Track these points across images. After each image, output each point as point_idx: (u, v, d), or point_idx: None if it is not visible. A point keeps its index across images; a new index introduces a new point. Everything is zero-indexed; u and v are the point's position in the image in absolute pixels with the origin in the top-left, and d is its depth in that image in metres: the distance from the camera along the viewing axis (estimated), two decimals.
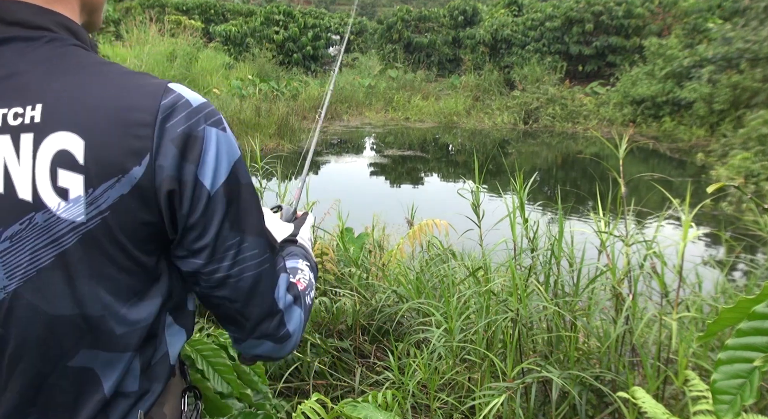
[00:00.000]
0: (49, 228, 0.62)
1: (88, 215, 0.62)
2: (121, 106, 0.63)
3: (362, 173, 10.63)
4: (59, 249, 0.63)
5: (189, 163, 0.65)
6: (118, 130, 0.62)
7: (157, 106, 0.64)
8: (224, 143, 0.68)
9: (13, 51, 0.65)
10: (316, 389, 2.43)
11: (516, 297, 2.12)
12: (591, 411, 2.08)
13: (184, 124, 0.65)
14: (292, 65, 19.20)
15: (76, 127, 0.62)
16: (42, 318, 0.64)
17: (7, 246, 0.62)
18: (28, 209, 0.61)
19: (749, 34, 11.25)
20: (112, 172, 0.62)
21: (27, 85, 0.63)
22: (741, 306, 0.77)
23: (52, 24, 0.67)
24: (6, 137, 0.61)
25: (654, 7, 16.59)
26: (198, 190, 0.66)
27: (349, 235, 3.44)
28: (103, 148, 0.62)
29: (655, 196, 2.78)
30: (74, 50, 0.67)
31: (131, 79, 0.66)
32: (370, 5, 44.20)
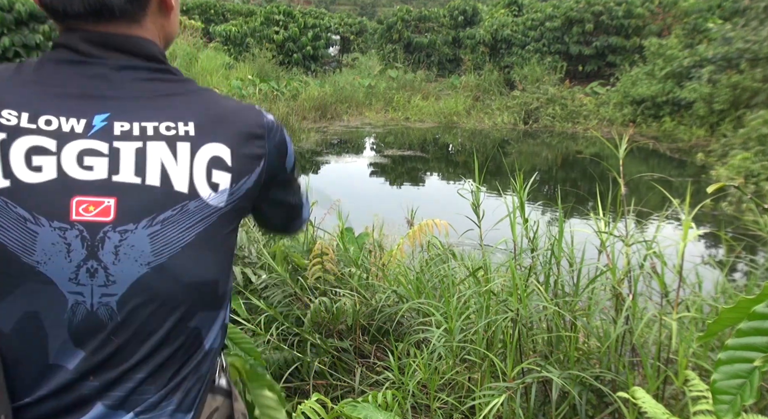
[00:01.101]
0: (198, 211, 0.81)
1: (227, 202, 0.84)
2: (246, 123, 0.87)
3: (362, 173, 10.63)
4: (202, 227, 0.81)
5: (282, 158, 0.94)
6: (249, 142, 0.87)
7: (263, 124, 0.90)
8: (291, 142, 0.98)
9: (143, 77, 0.84)
10: (316, 389, 2.43)
11: (516, 297, 2.12)
12: (591, 411, 2.08)
13: (276, 135, 0.92)
14: (292, 65, 19.20)
15: (224, 139, 0.84)
16: (177, 286, 0.80)
17: (158, 228, 0.78)
18: (183, 198, 0.80)
19: (749, 34, 11.25)
20: (247, 171, 0.86)
21: (172, 106, 0.83)
22: (741, 306, 0.78)
23: (160, 55, 0.87)
24: (161, 143, 0.80)
25: (654, 7, 16.58)
26: (285, 172, 0.98)
27: (349, 235, 3.44)
28: (242, 155, 0.85)
29: (655, 196, 2.78)
30: (185, 80, 0.89)
31: (242, 105, 0.91)
32: (370, 5, 44.17)
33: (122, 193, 0.76)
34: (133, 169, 0.77)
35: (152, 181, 0.78)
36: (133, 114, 0.80)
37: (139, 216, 0.77)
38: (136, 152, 0.78)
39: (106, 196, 0.76)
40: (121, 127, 0.78)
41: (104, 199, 0.76)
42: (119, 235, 0.76)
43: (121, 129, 0.78)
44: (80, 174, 0.75)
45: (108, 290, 0.76)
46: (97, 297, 0.76)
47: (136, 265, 0.77)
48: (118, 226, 0.76)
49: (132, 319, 0.78)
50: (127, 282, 0.77)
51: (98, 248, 0.75)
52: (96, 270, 0.75)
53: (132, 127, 0.79)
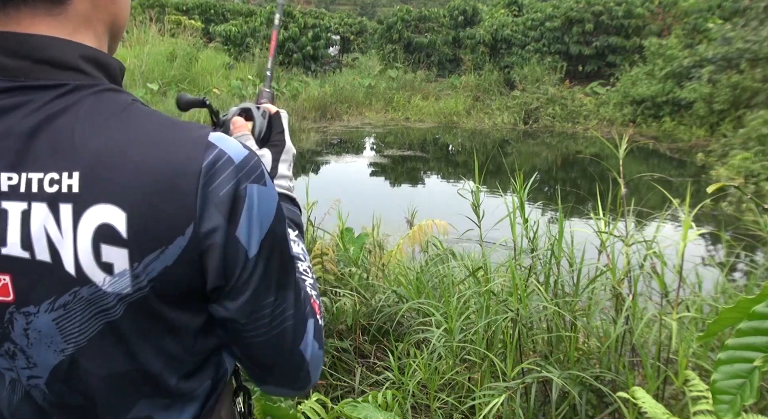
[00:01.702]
0: (95, 300, 0.62)
1: (134, 287, 0.62)
2: (163, 170, 0.60)
3: (362, 173, 10.63)
4: (107, 318, 0.63)
5: (231, 226, 0.62)
6: (161, 199, 0.60)
7: (198, 169, 0.61)
8: (264, 200, 0.65)
9: (42, 102, 0.61)
10: (316, 389, 2.43)
11: (516, 297, 2.12)
12: (591, 411, 2.08)
13: (226, 185, 0.62)
14: (292, 65, 19.20)
15: (117, 198, 0.59)
16: (99, 378, 0.65)
17: (62, 313, 0.62)
18: (74, 282, 0.61)
19: (749, 34, 11.25)
20: (156, 245, 0.60)
21: (60, 146, 0.60)
22: (741, 306, 0.78)
23: (81, 60, 0.63)
24: (43, 205, 0.60)
25: (654, 7, 16.58)
26: (239, 253, 0.64)
27: (349, 235, 3.44)
28: (145, 220, 0.60)
29: (655, 196, 2.78)
30: (108, 98, 0.63)
31: (171, 135, 0.63)
32: (370, 5, 44.19)
33: (15, 269, 0.61)
34: (19, 239, 0.60)
35: (42, 256, 0.60)
36: (23, 161, 0.60)
37: (39, 298, 0.62)
38: (22, 216, 0.60)
39: (0, 273, 0.61)
40: (9, 181, 0.60)
41: (0, 276, 0.61)
42: (24, 318, 0.62)
43: (9, 183, 0.60)
44: None
45: (32, 372, 0.65)
46: (25, 378, 0.65)
47: (50, 352, 0.63)
48: (20, 307, 0.62)
49: (70, 403, 0.66)
50: (47, 367, 0.64)
51: (9, 329, 0.63)
52: (14, 352, 0.64)
53: (20, 180, 0.60)
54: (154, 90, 11.63)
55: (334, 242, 3.36)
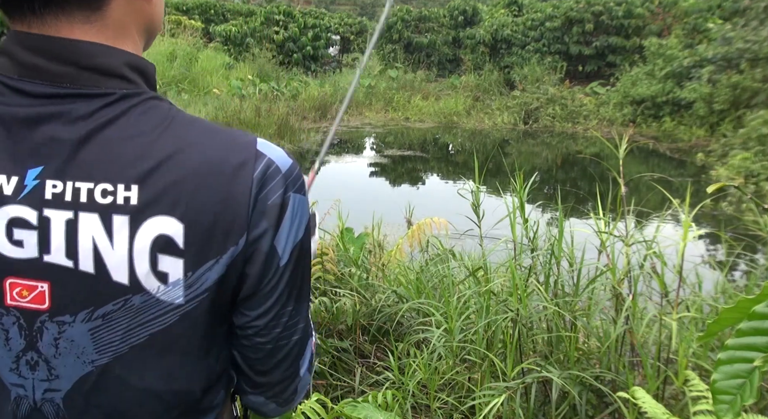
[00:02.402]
0: (146, 308, 0.61)
1: (186, 297, 0.62)
2: (218, 182, 0.60)
3: (362, 173, 10.63)
4: (155, 328, 0.62)
5: (270, 232, 0.63)
6: (217, 210, 0.60)
7: (251, 179, 0.62)
8: (302, 209, 0.66)
9: (90, 110, 0.60)
10: (316, 389, 2.43)
11: (516, 297, 2.12)
12: (591, 411, 2.08)
13: (275, 194, 0.63)
14: (292, 65, 19.20)
15: (175, 210, 0.59)
16: (131, 391, 0.65)
17: (99, 323, 0.62)
18: (125, 291, 0.61)
19: (749, 34, 11.25)
20: (211, 255, 0.61)
21: (113, 157, 0.59)
22: (741, 306, 0.77)
23: (126, 68, 0.63)
24: (94, 216, 0.59)
25: (654, 7, 16.59)
26: (274, 260, 0.65)
27: (349, 235, 3.43)
28: (202, 232, 0.60)
29: (655, 196, 2.78)
30: (154, 108, 0.63)
31: (220, 144, 0.63)
32: (370, 5, 44.19)
33: (55, 277, 0.60)
34: (64, 248, 0.59)
35: (85, 266, 0.60)
36: (70, 169, 0.59)
37: (76, 308, 0.61)
38: (67, 225, 0.59)
39: (38, 280, 0.60)
40: (53, 189, 0.59)
41: (37, 284, 0.60)
42: (57, 327, 0.61)
43: (53, 191, 0.59)
44: (10, 250, 0.60)
45: (51, 385, 0.63)
46: (40, 392, 0.64)
47: (78, 363, 0.63)
48: (54, 316, 0.61)
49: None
50: (71, 379, 0.63)
51: (37, 339, 0.62)
52: (36, 362, 0.62)
53: (65, 189, 0.59)
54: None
55: (334, 242, 3.36)
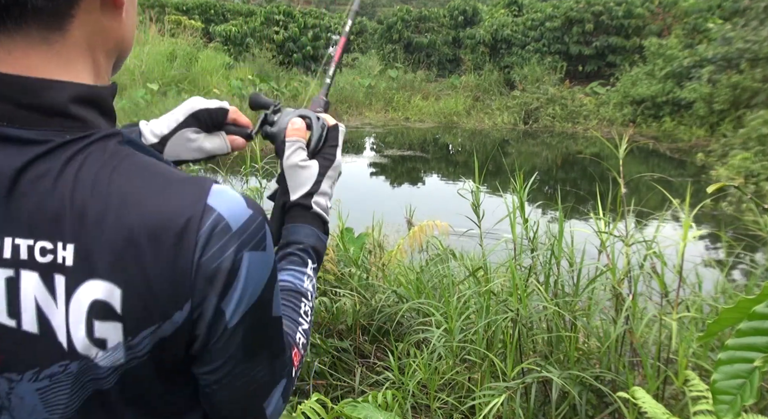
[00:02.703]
0: (86, 372, 0.59)
1: (127, 358, 0.59)
2: (160, 243, 0.56)
3: (362, 173, 10.64)
4: (98, 387, 0.60)
5: (218, 299, 0.59)
6: (156, 274, 0.56)
7: (195, 240, 0.57)
8: (258, 268, 0.61)
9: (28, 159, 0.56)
10: (316, 389, 2.43)
11: (516, 297, 2.12)
12: (591, 411, 2.08)
13: (220, 256, 0.58)
14: (292, 65, 19.20)
15: (112, 274, 0.56)
16: None
17: (47, 384, 0.59)
18: (65, 356, 0.58)
19: (749, 34, 11.25)
20: (153, 320, 0.58)
21: (50, 212, 0.56)
22: (741, 306, 0.78)
23: (73, 104, 0.58)
24: (34, 275, 0.56)
25: (654, 7, 16.59)
26: (218, 322, 0.61)
27: (349, 235, 3.43)
28: (142, 297, 0.57)
29: (655, 196, 2.78)
30: (99, 155, 0.58)
31: (167, 198, 0.58)
32: (370, 5, 44.18)
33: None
34: (5, 307, 0.57)
35: (28, 326, 0.57)
36: (4, 223, 0.56)
37: (22, 367, 0.58)
38: (7, 284, 0.56)
39: None
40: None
41: None
42: (7, 383, 0.59)
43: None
44: None
45: None
46: None
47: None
48: (3, 372, 0.59)
49: None
50: None
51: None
52: (1, 410, 0.61)
53: (3, 245, 0.56)
54: (154, 90, 11.63)
55: (334, 242, 3.36)
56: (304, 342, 0.79)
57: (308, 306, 0.81)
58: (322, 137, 0.88)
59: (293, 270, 0.82)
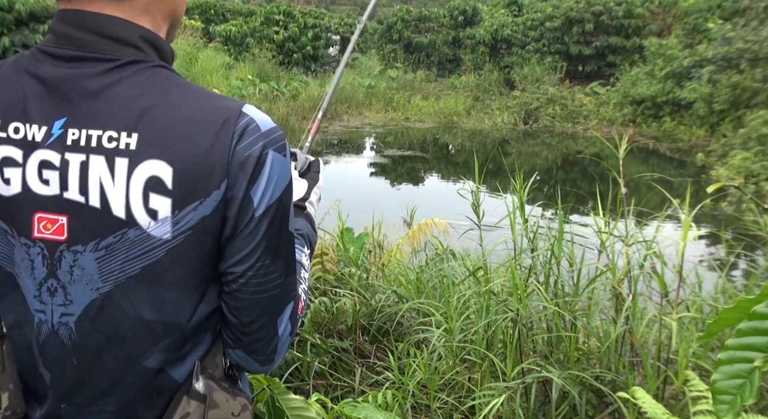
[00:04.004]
0: (140, 242, 0.71)
1: (174, 233, 0.71)
2: (205, 134, 0.70)
3: (362, 173, 10.64)
4: (147, 261, 0.72)
5: (249, 184, 0.71)
6: (201, 157, 0.70)
7: (232, 132, 0.71)
8: (281, 168, 0.74)
9: (104, 70, 0.72)
10: (316, 389, 2.43)
11: (516, 297, 2.12)
12: (591, 411, 2.08)
13: (251, 147, 0.71)
14: (292, 65, 19.20)
15: (166, 155, 0.69)
16: (127, 319, 0.74)
17: (103, 254, 0.72)
18: (123, 225, 0.71)
19: (749, 34, 11.25)
20: (196, 197, 0.70)
21: (119, 109, 0.70)
22: (741, 306, 0.78)
23: (140, 40, 0.74)
24: (101, 158, 0.70)
25: (654, 7, 16.59)
26: (247, 208, 0.72)
27: (349, 235, 3.44)
28: (188, 176, 0.70)
29: (655, 196, 2.78)
30: (158, 73, 0.73)
31: (210, 104, 0.72)
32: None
33: (71, 211, 0.71)
34: (78, 186, 0.70)
35: (94, 201, 0.70)
36: (85, 119, 0.71)
37: (86, 239, 0.72)
38: (81, 167, 0.70)
39: (59, 214, 0.71)
40: (72, 136, 0.70)
41: (58, 217, 0.71)
42: (72, 256, 0.72)
43: (72, 138, 0.70)
44: (40, 188, 0.71)
45: (67, 309, 0.74)
46: (57, 316, 0.74)
47: (88, 289, 0.73)
48: (71, 246, 0.72)
49: (90, 344, 0.75)
50: (81, 304, 0.73)
51: (57, 267, 0.72)
52: (56, 289, 0.73)
53: (80, 136, 0.70)
54: None
55: (334, 242, 3.36)
56: (305, 298, 0.89)
57: (306, 275, 0.93)
58: (305, 164, 1.11)
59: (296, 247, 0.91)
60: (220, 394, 0.80)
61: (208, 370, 0.81)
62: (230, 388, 0.83)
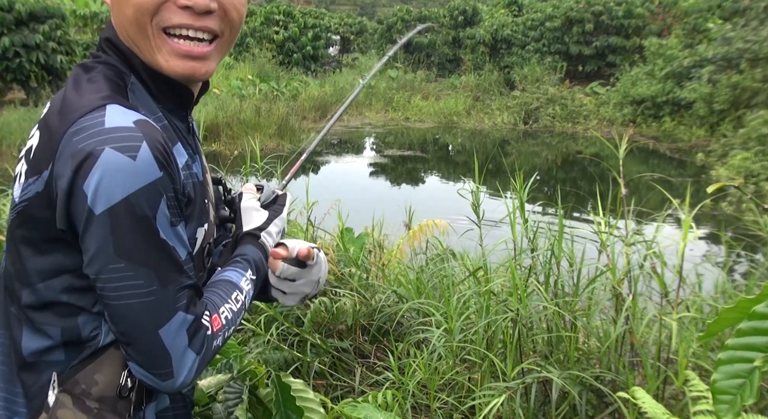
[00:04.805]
0: (11, 199, 0.81)
1: (19, 199, 0.78)
2: (60, 116, 0.75)
3: (362, 173, 10.63)
4: (9, 219, 0.81)
5: (77, 177, 0.71)
6: (49, 136, 0.75)
7: (73, 121, 0.73)
8: (122, 170, 0.71)
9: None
10: (316, 389, 2.43)
11: (516, 297, 2.12)
12: (591, 411, 2.08)
13: (85, 141, 0.71)
14: (292, 65, 19.20)
15: (42, 130, 0.78)
16: (6, 268, 0.84)
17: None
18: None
19: (749, 34, 11.25)
20: (36, 171, 0.75)
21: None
22: (741, 306, 0.78)
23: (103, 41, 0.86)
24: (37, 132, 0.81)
25: (654, 7, 16.59)
26: (80, 202, 0.72)
27: (349, 235, 3.43)
28: (38, 150, 0.76)
29: (655, 196, 2.78)
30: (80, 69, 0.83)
31: (85, 96, 0.76)
32: (370, 5, 44.17)
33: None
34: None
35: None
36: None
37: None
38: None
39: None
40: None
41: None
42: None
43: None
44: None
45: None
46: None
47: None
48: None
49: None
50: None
51: None
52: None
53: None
54: None
55: (334, 242, 3.35)
56: (228, 317, 0.87)
57: (241, 298, 0.91)
58: (270, 197, 1.11)
59: (235, 269, 0.94)
60: (68, 412, 0.78)
61: (81, 385, 0.79)
62: (100, 409, 0.80)
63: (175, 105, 0.89)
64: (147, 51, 0.83)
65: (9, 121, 9.98)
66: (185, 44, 0.82)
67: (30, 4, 11.54)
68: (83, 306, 0.79)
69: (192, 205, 0.85)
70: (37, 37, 11.64)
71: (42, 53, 11.84)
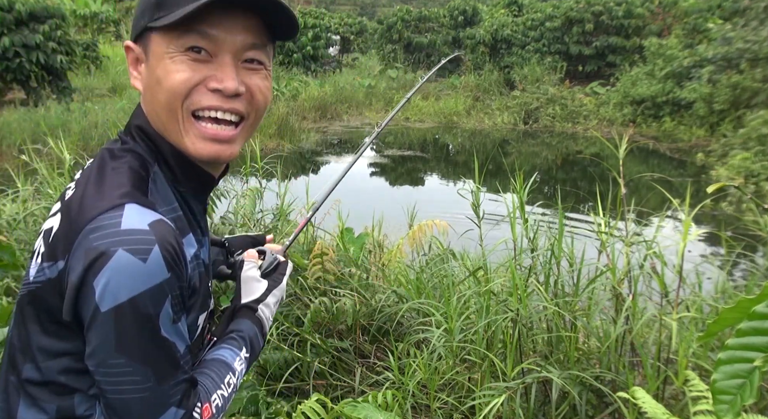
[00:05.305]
0: (28, 274, 0.83)
1: (33, 278, 0.81)
2: (80, 209, 0.78)
3: (362, 173, 10.63)
4: (20, 293, 0.83)
5: (88, 273, 0.73)
6: (69, 226, 0.78)
7: (93, 217, 0.75)
8: (132, 272, 0.73)
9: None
10: (316, 389, 2.43)
11: (516, 297, 2.12)
12: (591, 411, 2.08)
13: (100, 239, 0.73)
14: (292, 65, 19.19)
15: (63, 215, 0.81)
16: (13, 339, 0.86)
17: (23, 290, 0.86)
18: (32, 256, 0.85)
19: (749, 34, 11.25)
20: (52, 257, 0.79)
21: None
22: (741, 306, 0.78)
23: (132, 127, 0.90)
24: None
25: (654, 7, 16.58)
26: (90, 300, 0.74)
27: (349, 235, 3.43)
28: (57, 237, 0.79)
29: (655, 196, 2.78)
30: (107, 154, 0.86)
31: (107, 191, 0.79)
32: (370, 5, 44.15)
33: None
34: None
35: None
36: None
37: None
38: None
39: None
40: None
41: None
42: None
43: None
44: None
45: None
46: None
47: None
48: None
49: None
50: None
51: None
52: None
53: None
54: None
55: (334, 242, 3.35)
56: (219, 404, 0.89)
57: (233, 380, 0.93)
58: (271, 265, 1.11)
59: (229, 348, 0.96)
60: None
61: None
62: None
63: (196, 188, 0.92)
64: (175, 133, 0.86)
65: (9, 121, 9.98)
66: (212, 128, 0.86)
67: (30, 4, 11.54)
68: (80, 388, 0.82)
69: (196, 294, 0.87)
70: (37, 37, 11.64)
71: (42, 53, 11.83)
